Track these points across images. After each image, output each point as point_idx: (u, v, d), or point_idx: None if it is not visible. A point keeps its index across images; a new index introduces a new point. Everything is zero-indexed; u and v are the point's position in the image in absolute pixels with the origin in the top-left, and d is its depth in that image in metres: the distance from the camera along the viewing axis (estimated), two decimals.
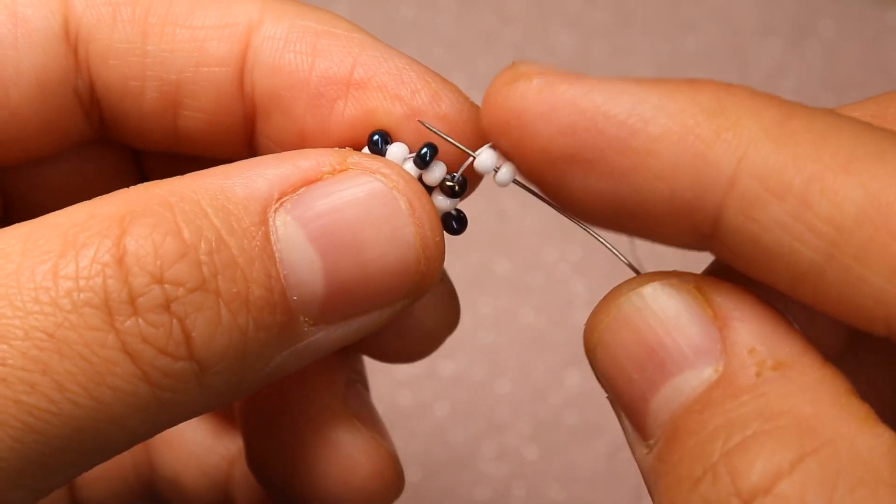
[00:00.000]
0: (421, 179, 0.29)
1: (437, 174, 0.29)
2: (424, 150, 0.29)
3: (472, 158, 0.29)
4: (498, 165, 0.28)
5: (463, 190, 0.29)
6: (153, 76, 0.30)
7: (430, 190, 0.29)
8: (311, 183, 0.27)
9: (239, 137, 0.31)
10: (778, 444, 0.24)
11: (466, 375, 0.57)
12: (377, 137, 0.29)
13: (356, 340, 0.28)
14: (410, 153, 0.29)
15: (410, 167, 0.29)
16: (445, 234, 0.29)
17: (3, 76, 0.29)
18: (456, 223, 0.30)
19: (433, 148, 0.29)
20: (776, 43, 0.67)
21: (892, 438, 0.24)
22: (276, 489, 0.34)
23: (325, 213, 0.27)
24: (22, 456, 0.24)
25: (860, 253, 0.23)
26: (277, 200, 0.26)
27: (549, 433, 0.56)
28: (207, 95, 0.30)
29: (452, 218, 0.30)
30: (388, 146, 0.29)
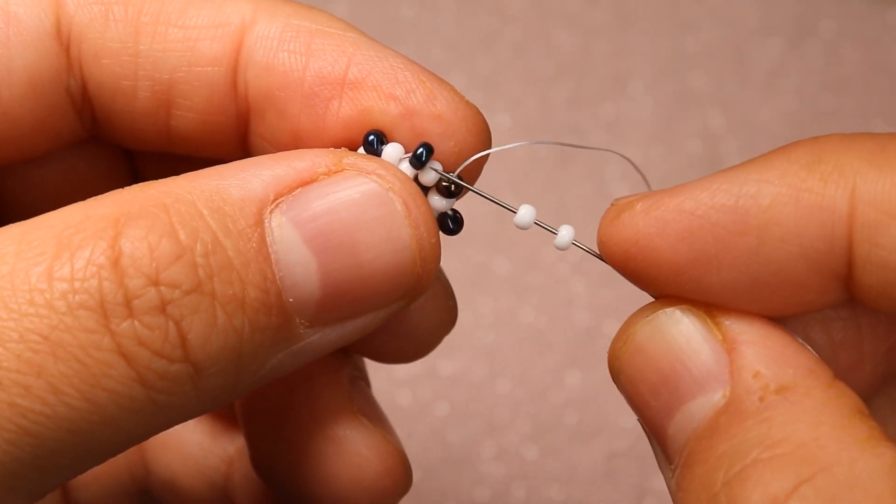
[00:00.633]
0: (417, 180, 0.29)
1: (432, 175, 0.29)
2: (420, 150, 0.29)
3: (470, 160, 0.29)
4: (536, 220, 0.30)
5: (459, 190, 0.29)
6: (145, 76, 0.30)
7: (426, 190, 0.29)
8: (306, 184, 0.27)
9: (232, 137, 0.31)
10: (776, 472, 0.24)
11: (466, 375, 0.57)
12: (373, 137, 0.29)
13: (353, 341, 0.28)
14: (406, 153, 0.29)
15: (406, 168, 0.29)
16: (442, 234, 0.29)
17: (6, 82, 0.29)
18: (452, 223, 0.30)
19: (429, 148, 0.29)
20: (776, 43, 0.67)
21: (894, 458, 0.24)
22: (282, 489, 0.34)
23: (320, 214, 0.27)
24: (16, 459, 0.24)
25: None
26: (273, 202, 0.26)
27: (549, 433, 0.56)
28: (200, 95, 0.30)
29: (448, 218, 0.30)
30: (383, 146, 0.29)
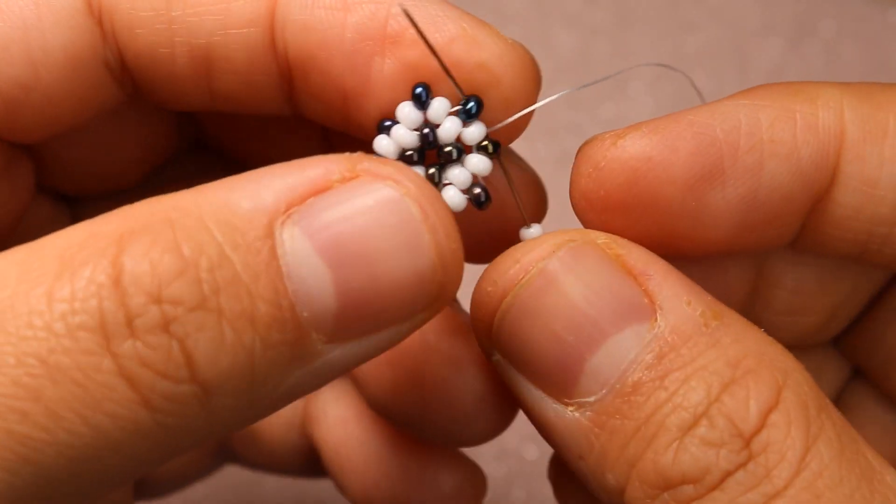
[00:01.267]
0: (460, 139, 0.28)
1: (477, 132, 0.28)
2: (470, 104, 0.28)
3: (515, 116, 0.29)
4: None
5: (498, 148, 0.28)
6: (182, 42, 0.29)
7: (467, 151, 0.28)
8: (320, 192, 0.25)
9: (277, 95, 0.31)
10: (758, 383, 0.26)
11: None
12: (420, 90, 0.28)
13: (377, 356, 0.27)
14: (453, 106, 0.28)
15: (452, 125, 0.28)
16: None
17: (32, 58, 0.29)
18: (484, 195, 0.29)
19: (479, 102, 0.28)
20: (777, 43, 0.67)
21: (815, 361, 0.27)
22: (401, 421, 0.35)
23: (333, 223, 0.25)
24: (15, 488, 0.23)
25: None
26: (285, 212, 0.25)
27: None
28: (239, 57, 0.29)
29: (480, 188, 0.29)
30: (431, 100, 0.28)
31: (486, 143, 0.28)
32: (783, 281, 0.32)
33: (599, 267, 0.27)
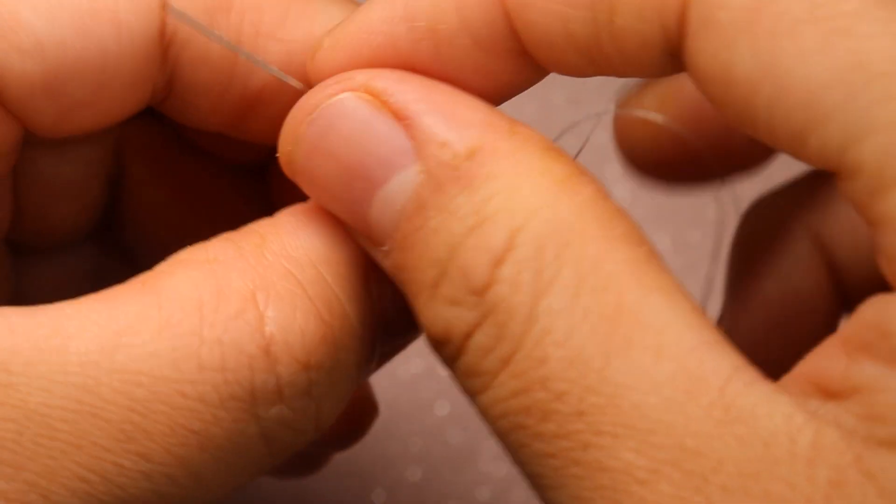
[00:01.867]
0: None
1: None
2: None
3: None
4: None
5: None
6: (239, 83, 0.30)
7: None
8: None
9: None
10: (493, 231, 0.24)
11: None
12: None
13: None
14: None
15: None
16: None
17: (119, 30, 0.29)
18: None
19: None
20: None
21: (593, 192, 0.24)
22: None
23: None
24: None
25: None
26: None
27: None
28: (283, 105, 0.30)
29: None
30: None
31: None
32: None
33: (363, 116, 0.26)
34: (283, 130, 0.28)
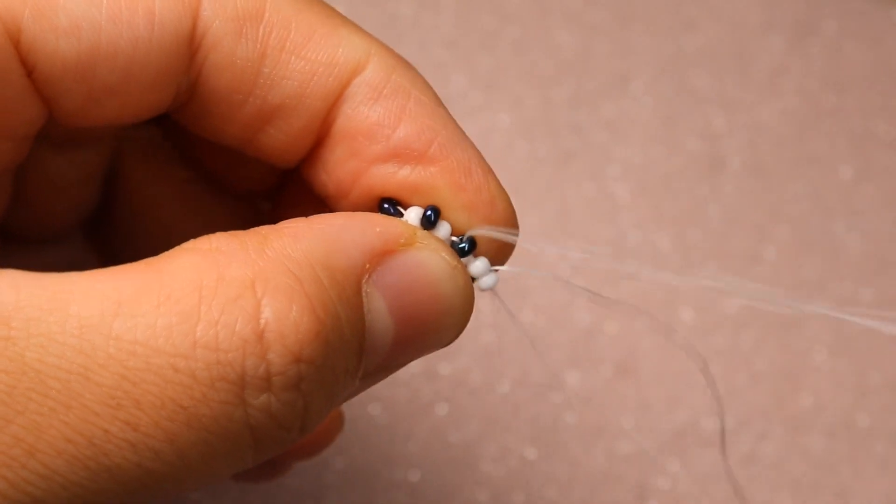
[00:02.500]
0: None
1: (443, 232, 0.31)
2: (429, 212, 0.30)
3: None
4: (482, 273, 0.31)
5: (473, 248, 0.31)
6: (259, 95, 0.30)
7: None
8: (390, 254, 0.28)
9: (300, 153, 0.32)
10: None
11: (466, 375, 0.57)
12: (431, 213, 0.30)
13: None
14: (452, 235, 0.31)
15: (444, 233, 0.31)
16: None
17: (135, 74, 0.29)
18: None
19: (472, 242, 0.31)
20: (778, 41, 0.67)
21: None
22: None
23: (405, 286, 0.28)
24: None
25: None
26: (367, 271, 0.27)
27: (548, 433, 0.55)
28: (299, 123, 0.31)
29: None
30: (407, 210, 0.31)
31: (462, 245, 0.31)
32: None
33: None
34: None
